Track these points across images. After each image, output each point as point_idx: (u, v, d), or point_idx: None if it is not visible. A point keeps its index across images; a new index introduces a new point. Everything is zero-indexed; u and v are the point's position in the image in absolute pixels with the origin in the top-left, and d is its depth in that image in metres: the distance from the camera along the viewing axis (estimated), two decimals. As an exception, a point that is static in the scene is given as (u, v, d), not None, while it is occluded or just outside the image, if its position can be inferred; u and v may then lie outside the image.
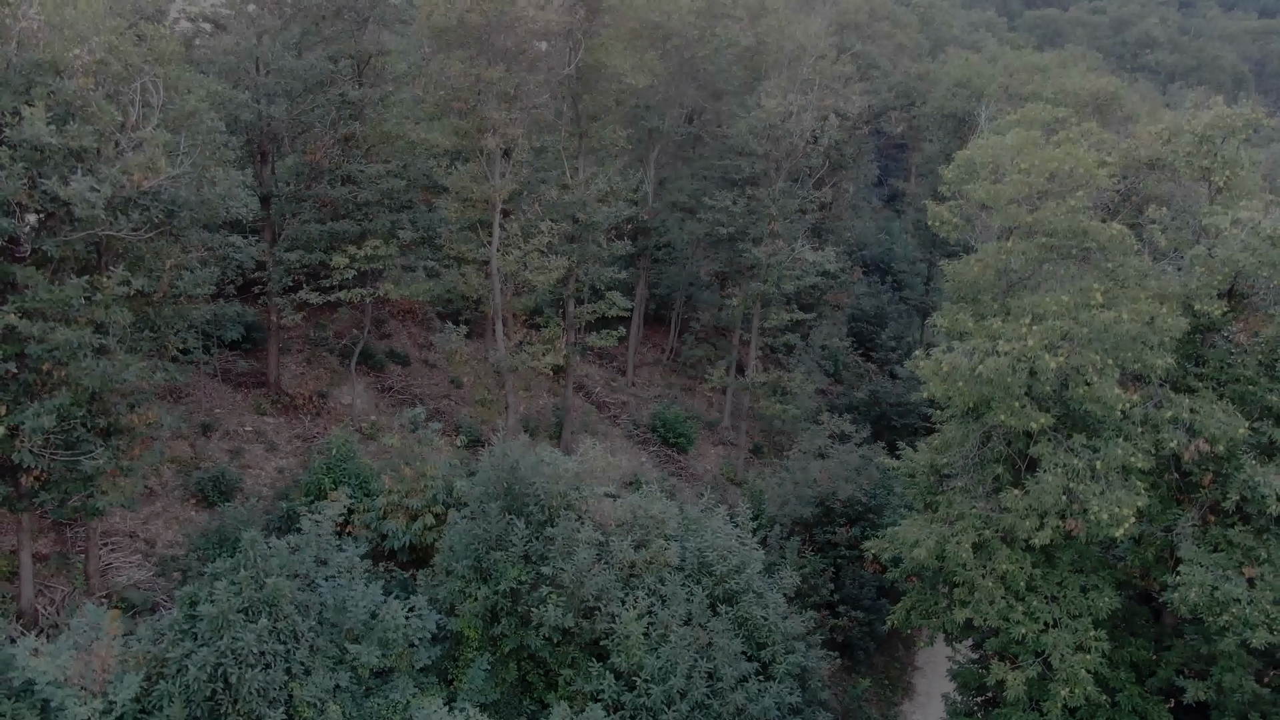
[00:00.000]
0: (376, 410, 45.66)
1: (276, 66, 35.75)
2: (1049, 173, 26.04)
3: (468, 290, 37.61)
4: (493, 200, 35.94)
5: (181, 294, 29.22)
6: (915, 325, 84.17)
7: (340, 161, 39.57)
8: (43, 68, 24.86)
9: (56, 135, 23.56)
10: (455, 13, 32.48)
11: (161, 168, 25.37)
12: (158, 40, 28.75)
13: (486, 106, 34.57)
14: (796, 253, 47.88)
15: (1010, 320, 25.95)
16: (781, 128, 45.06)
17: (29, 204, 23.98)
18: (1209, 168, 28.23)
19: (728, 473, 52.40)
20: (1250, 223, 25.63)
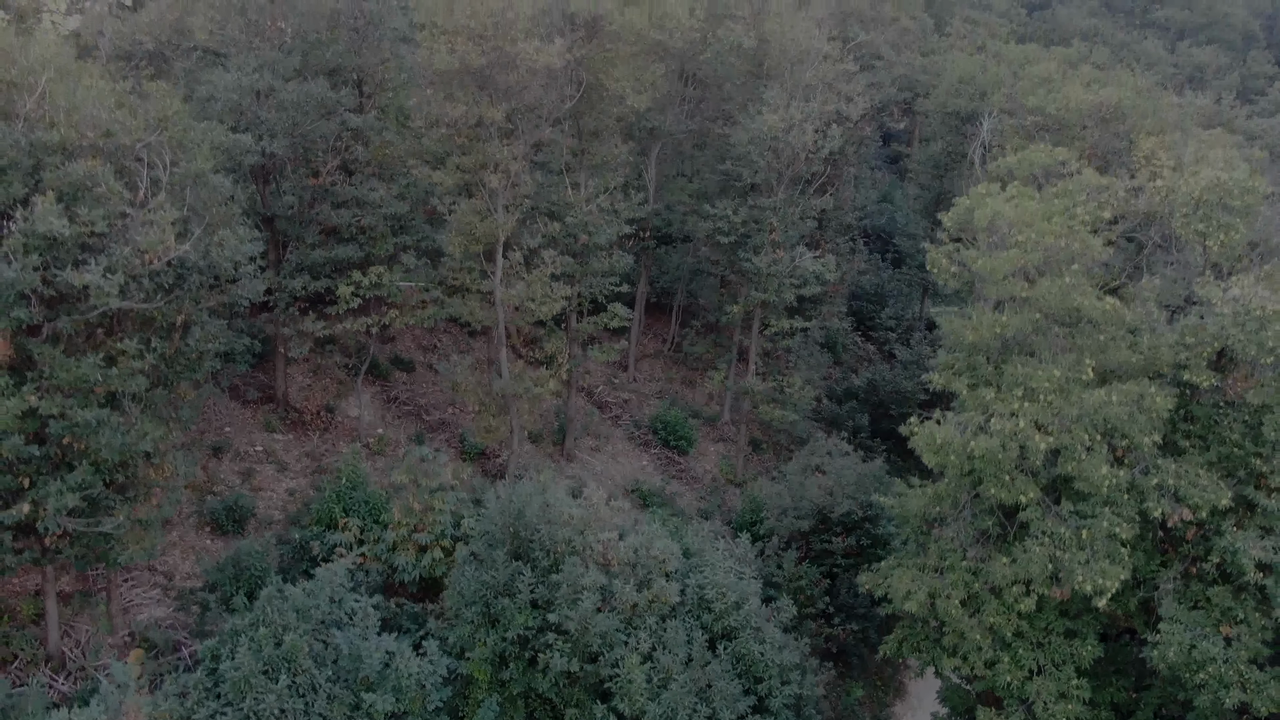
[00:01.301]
0: (383, 422, 46.53)
1: (278, 100, 35.73)
2: (1046, 247, 26.43)
3: (471, 319, 38.13)
4: (496, 235, 36.26)
5: (193, 350, 29.80)
6: (915, 299, 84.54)
7: (343, 183, 39.73)
8: (51, 149, 25.11)
9: (69, 225, 23.92)
10: (457, 56, 32.42)
11: (171, 245, 25.79)
12: (161, 97, 28.94)
13: (488, 145, 34.69)
14: (797, 260, 48.19)
15: (1003, 392, 26.63)
16: (783, 139, 45.02)
17: (44, 291, 24.45)
18: (1204, 232, 28.58)
19: (727, 473, 53.48)
20: (1242, 299, 26.10)
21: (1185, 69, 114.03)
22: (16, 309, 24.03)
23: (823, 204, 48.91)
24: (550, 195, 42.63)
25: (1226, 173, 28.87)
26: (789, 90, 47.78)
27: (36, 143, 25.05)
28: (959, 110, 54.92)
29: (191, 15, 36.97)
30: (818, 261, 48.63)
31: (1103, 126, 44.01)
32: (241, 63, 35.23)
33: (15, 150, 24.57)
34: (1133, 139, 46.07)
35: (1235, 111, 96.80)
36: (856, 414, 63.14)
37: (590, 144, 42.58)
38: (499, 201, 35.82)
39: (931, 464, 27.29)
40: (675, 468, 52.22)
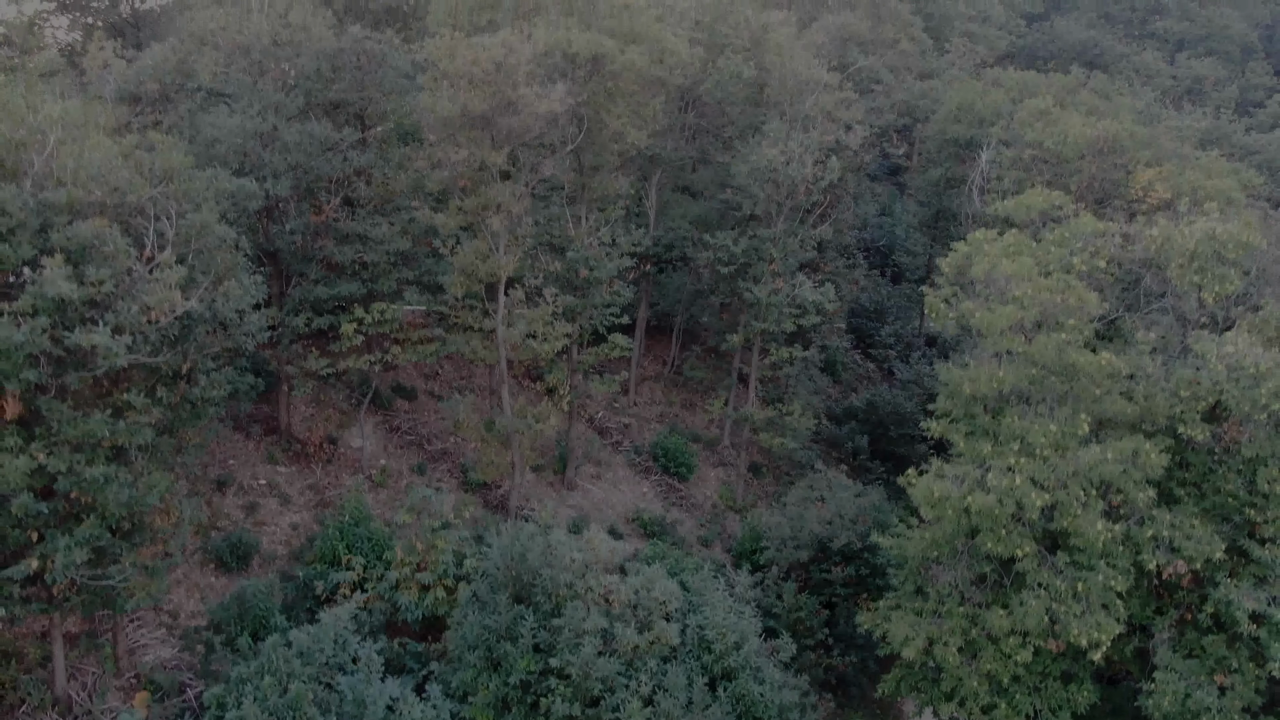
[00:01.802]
0: (386, 453, 46.83)
1: (281, 142, 36.02)
2: (1042, 303, 26.74)
3: (473, 358, 38.45)
4: (498, 275, 36.58)
5: (198, 398, 30.11)
6: (915, 315, 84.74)
7: (346, 219, 40.01)
8: (59, 209, 25.40)
9: (77, 287, 24.21)
10: (459, 103, 32.72)
11: (178, 301, 26.09)
12: (166, 149, 29.26)
13: (490, 187, 34.99)
14: (796, 290, 48.50)
15: (1000, 445, 26.96)
16: (783, 171, 45.32)
17: (53, 351, 24.74)
18: (1199, 283, 28.89)
19: (727, 499, 53.79)
20: (1236, 356, 26.42)
21: (1184, 81, 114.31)
22: (26, 370, 24.32)
23: (822, 234, 49.17)
24: (551, 229, 42.94)
25: (1221, 224, 29.13)
26: (789, 121, 48.09)
27: (44, 202, 25.34)
28: (958, 137, 55.21)
29: (195, 57, 37.23)
30: (817, 290, 48.92)
31: (1101, 159, 44.27)
32: (245, 105, 35.51)
33: (23, 211, 24.84)
34: (1130, 170, 46.43)
35: (1233, 126, 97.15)
36: (856, 435, 63.46)
37: (591, 178, 42.88)
38: (501, 243, 36.11)
39: (929, 516, 27.61)
40: (676, 494, 52.53)
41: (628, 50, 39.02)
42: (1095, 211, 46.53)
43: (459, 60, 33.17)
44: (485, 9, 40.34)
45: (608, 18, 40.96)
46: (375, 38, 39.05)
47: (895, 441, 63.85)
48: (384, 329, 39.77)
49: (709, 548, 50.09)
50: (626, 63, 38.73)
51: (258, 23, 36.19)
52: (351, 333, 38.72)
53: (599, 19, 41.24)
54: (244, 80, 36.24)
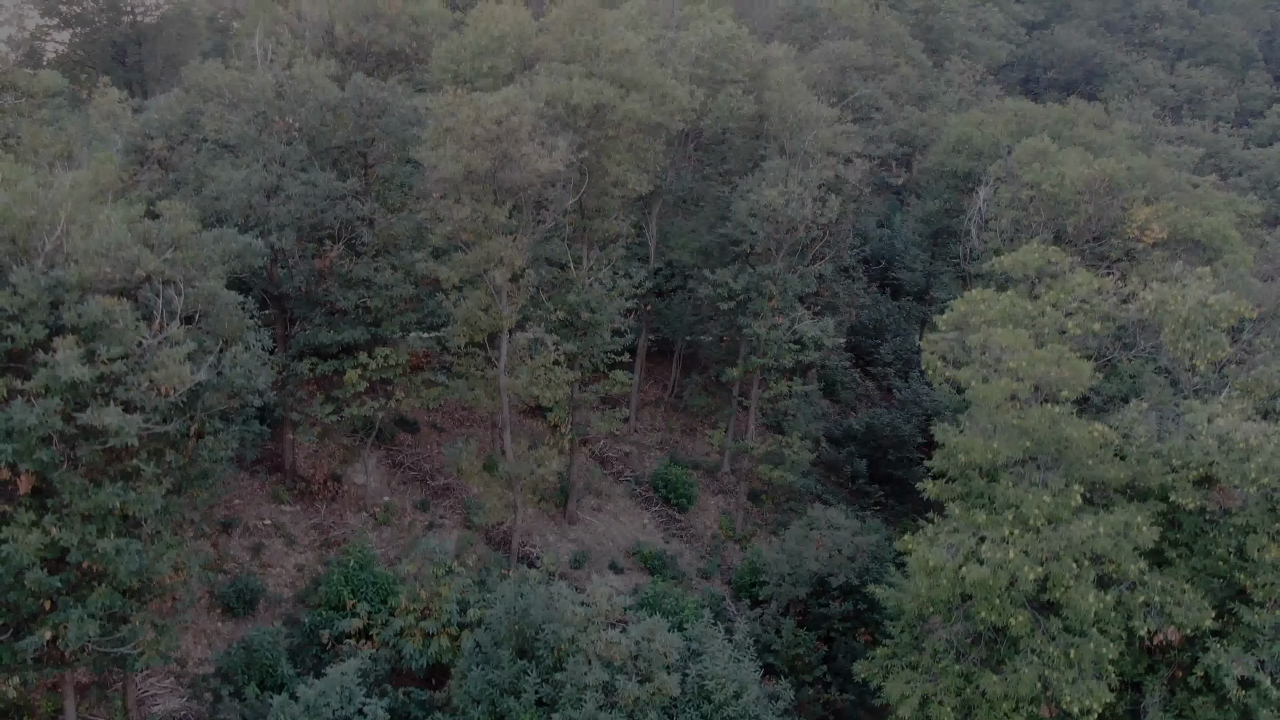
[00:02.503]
0: (389, 489, 47.34)
1: (286, 194, 36.41)
2: (1037, 377, 27.21)
3: (476, 405, 38.93)
4: (500, 326, 37.03)
5: (206, 460, 30.60)
6: (914, 330, 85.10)
7: (350, 263, 40.42)
8: (70, 287, 25.83)
9: (89, 368, 24.67)
10: (462, 163, 33.12)
11: (188, 377, 26.54)
12: (174, 217, 29.70)
13: (492, 241, 35.42)
14: (796, 325, 48.96)
15: (994, 514, 27.46)
16: (782, 211, 45.72)
17: (65, 429, 25.21)
18: (1192, 350, 29.34)
19: (727, 529, 54.33)
20: (1226, 428, 26.88)
21: (1184, 91, 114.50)
22: (40, 451, 24.80)
23: (821, 269, 49.60)
24: (553, 271, 43.34)
25: (1214, 294, 29.56)
26: (788, 157, 48.47)
27: (55, 280, 25.78)
28: (956, 169, 55.56)
29: (200, 109, 37.59)
30: (817, 325, 49.35)
31: (1097, 199, 44.68)
32: (250, 160, 35.90)
33: (35, 290, 25.29)
34: (1127, 207, 46.82)
35: (1232, 140, 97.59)
36: (855, 459, 63.98)
37: (592, 219, 43.27)
38: (503, 294, 36.55)
39: (924, 585, 28.12)
40: (676, 525, 53.06)
41: (628, 99, 39.38)
42: (1092, 249, 47.08)
43: (462, 118, 33.53)
44: (487, 55, 40.64)
45: (609, 63, 41.27)
46: (378, 85, 39.37)
47: (894, 464, 64.35)
48: (388, 374, 40.22)
49: (709, 580, 50.66)
50: (627, 112, 39.11)
51: (262, 76, 36.54)
52: (356, 379, 39.17)
53: (600, 64, 41.55)
54: (248, 132, 36.60)
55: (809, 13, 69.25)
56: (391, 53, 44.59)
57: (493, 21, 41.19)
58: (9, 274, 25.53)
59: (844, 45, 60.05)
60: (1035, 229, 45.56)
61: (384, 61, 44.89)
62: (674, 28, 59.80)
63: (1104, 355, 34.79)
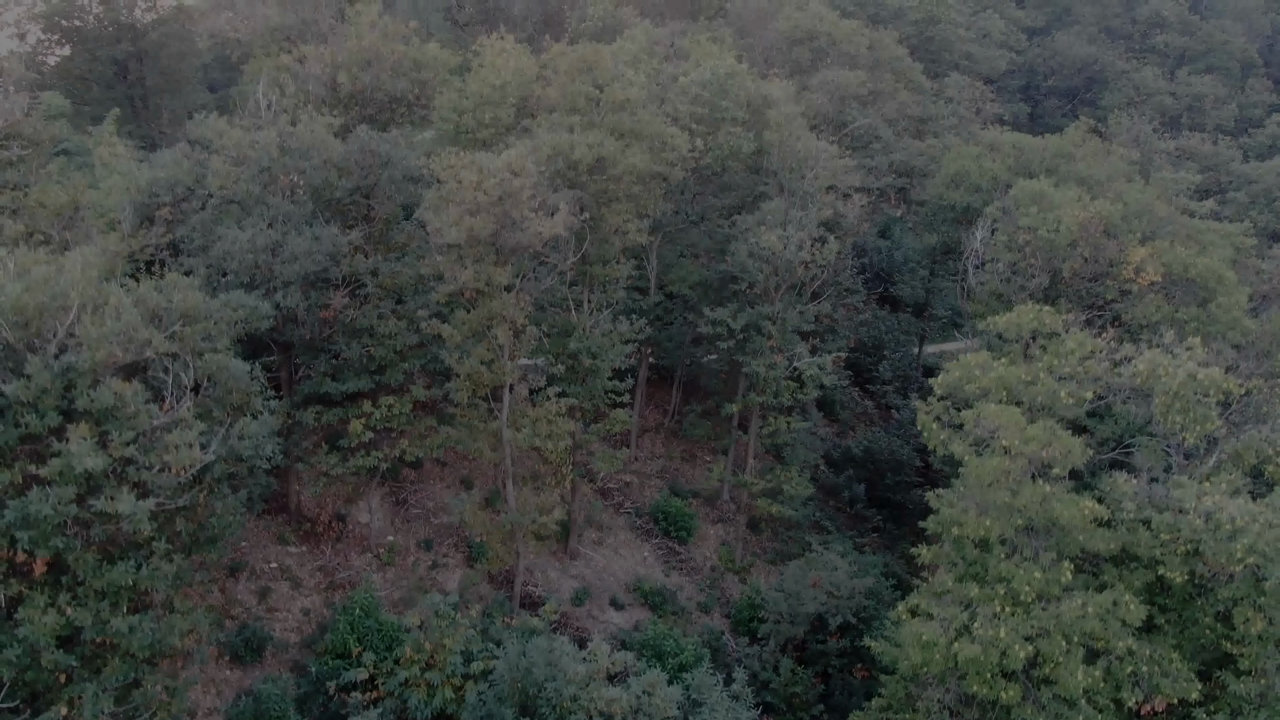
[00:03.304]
0: (393, 528, 48.00)
1: (291, 252, 36.89)
2: (1029, 455, 27.80)
3: (479, 456, 39.55)
4: (503, 382, 37.59)
5: (215, 527, 31.23)
6: (913, 345, 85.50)
7: (354, 313, 40.89)
8: (82, 372, 26.38)
9: (102, 456, 25.25)
10: (464, 229, 33.62)
11: (198, 457, 27.13)
12: (183, 290, 30.24)
13: (495, 300, 35.95)
14: (795, 363, 49.52)
15: (986, 589, 28.09)
16: (781, 255, 46.21)
17: (80, 515, 25.82)
18: (1182, 423, 29.91)
19: (726, 560, 55.03)
20: (1214, 508, 27.47)
21: (1184, 99, 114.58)
22: (55, 538, 25.42)
23: (820, 309, 50.12)
24: (553, 318, 43.85)
25: (1203, 369, 30.10)
26: (787, 197, 48.94)
27: (68, 366, 26.33)
28: (954, 203, 55.97)
29: (205, 167, 38.03)
30: (815, 363, 49.90)
31: (1093, 244, 45.16)
32: (255, 221, 36.37)
33: (48, 378, 25.85)
34: (1123, 248, 47.25)
35: (1231, 153, 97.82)
36: (853, 483, 64.65)
37: (593, 265, 43.75)
38: (505, 351, 37.09)
39: (917, 660, 28.78)
40: (676, 558, 53.76)
41: (629, 152, 39.81)
42: (1089, 289, 47.57)
43: (465, 182, 34.00)
44: (489, 105, 41.05)
45: (610, 114, 41.68)
46: (381, 138, 39.80)
47: (892, 488, 65.04)
48: (392, 424, 40.78)
49: (708, 614, 51.41)
50: (628, 166, 39.54)
51: (267, 134, 36.97)
52: (360, 429, 39.74)
53: (601, 113, 41.96)
54: (253, 189, 37.05)
55: (809, 35, 69.45)
56: (393, 98, 44.94)
57: (494, 71, 41.52)
58: (24, 362, 26.10)
59: (843, 75, 60.31)
60: (1031, 272, 46.06)
61: (385, 107, 45.26)
62: (674, 56, 60.17)
63: (1098, 406, 35.34)
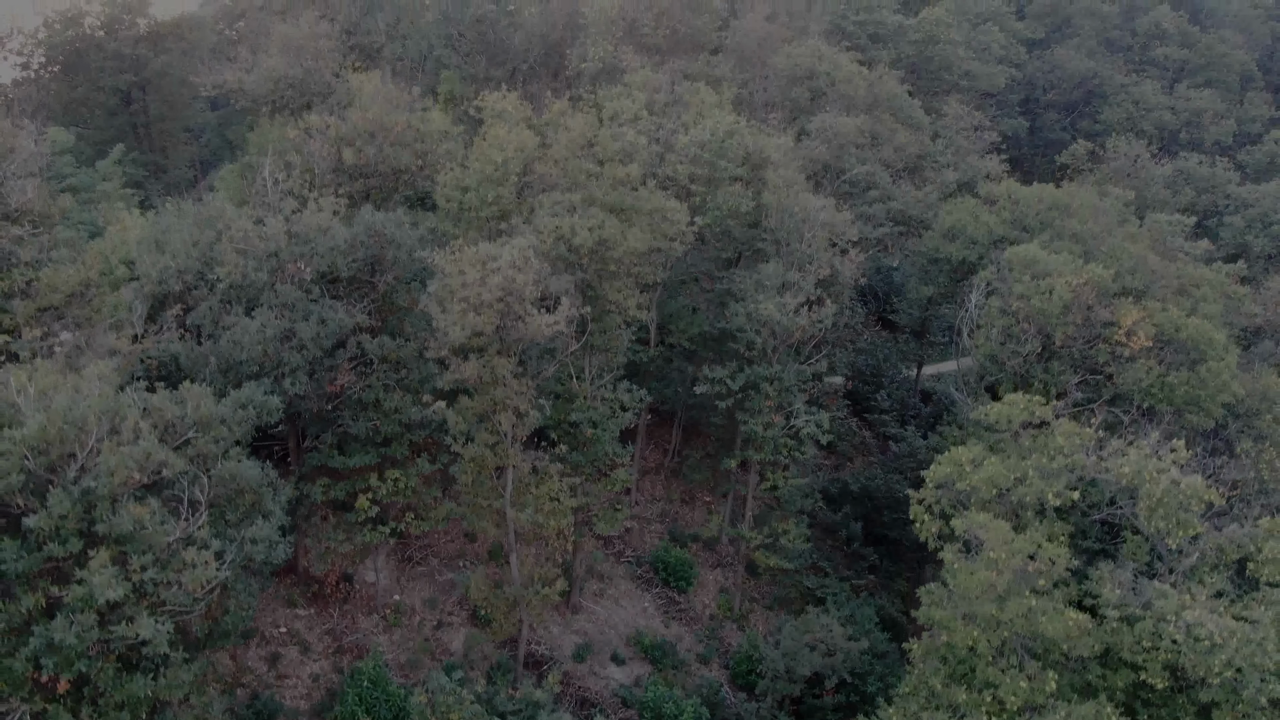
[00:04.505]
0: (399, 586, 49.10)
1: (299, 339, 37.75)
2: (1015, 569, 28.78)
3: (484, 534, 40.55)
4: (505, 466, 38.55)
5: (229, 623, 32.28)
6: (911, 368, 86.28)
7: (360, 388, 41.78)
8: (103, 498, 27.34)
9: (123, 583, 26.26)
10: (468, 328, 34.49)
11: (214, 575, 28.13)
12: (196, 398, 31.19)
13: (498, 389, 36.85)
14: (793, 421, 50.43)
15: (973, 693, 29.15)
16: (779, 321, 47.02)
17: (101, 636, 26.85)
18: (1165, 529, 30.87)
19: (725, 608, 56.17)
20: (1195, 622, 28.46)
21: (1183, 114, 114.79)
22: (79, 663, 26.45)
23: (817, 369, 50.99)
24: (554, 386, 44.69)
25: (1186, 477, 31.01)
26: (785, 259, 49.72)
27: (88, 490, 27.29)
28: (950, 257, 56.72)
29: (213, 252, 38.84)
30: (813, 420, 50.81)
31: (1084, 312, 45.98)
32: (264, 311, 37.22)
33: (68, 504, 26.81)
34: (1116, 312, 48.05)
35: (1229, 175, 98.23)
36: (850, 521, 65.64)
37: (594, 337, 44.59)
38: (508, 437, 38.03)
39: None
40: (675, 608, 54.90)
41: (629, 235, 40.59)
42: (1082, 351, 48.42)
43: (469, 280, 34.83)
44: (490, 184, 41.79)
45: (609, 190, 42.43)
46: (385, 219, 40.56)
47: (889, 525, 65.99)
48: (398, 498, 41.78)
49: (707, 665, 52.59)
50: (628, 249, 40.34)
51: (274, 225, 37.77)
52: (367, 505, 40.76)
53: (602, 188, 42.70)
54: (261, 278, 37.87)
55: (808, 74, 69.95)
56: (396, 170, 45.67)
57: (496, 148, 42.25)
58: (45, 487, 27.07)
59: (841, 122, 60.88)
60: (1025, 338, 46.90)
61: (389, 178, 46.00)
62: (673, 103, 60.69)
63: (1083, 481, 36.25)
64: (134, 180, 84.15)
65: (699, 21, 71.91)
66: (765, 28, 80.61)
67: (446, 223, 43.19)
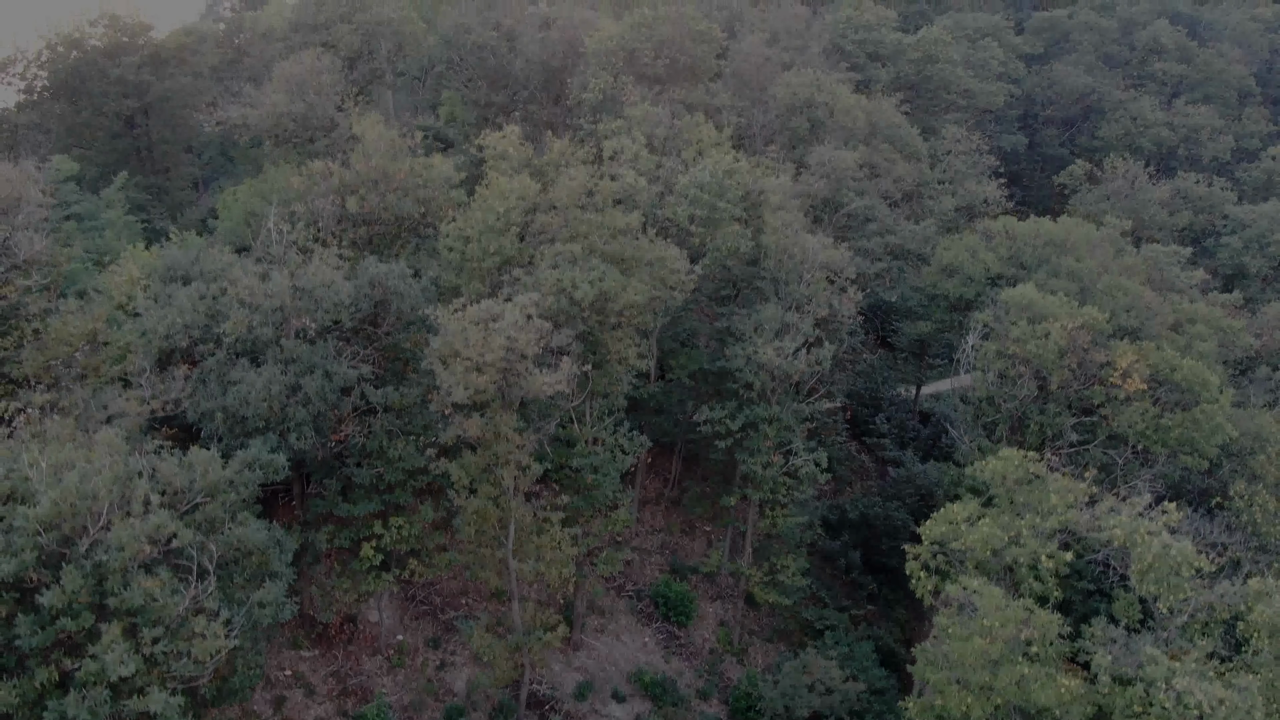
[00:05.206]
0: (402, 625, 49.70)
1: (304, 394, 38.27)
2: (1007, 638, 29.34)
3: (487, 585, 41.11)
4: (507, 520, 39.11)
5: (237, 684, 32.86)
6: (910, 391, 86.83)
7: (363, 437, 42.32)
8: (114, 571, 27.91)
9: (135, 658, 26.83)
10: (471, 389, 35.03)
11: (222, 645, 28.71)
12: (204, 463, 31.76)
13: (501, 445, 37.40)
14: (791, 460, 50.99)
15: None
16: (777, 365, 47.56)
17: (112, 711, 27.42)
18: (1156, 592, 31.43)
19: (725, 641, 56.76)
20: (1184, 689, 29.02)
21: (1181, 131, 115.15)
22: (92, 734, 27.04)
23: (815, 408, 51.53)
24: (555, 430, 45.21)
25: (1177, 542, 31.56)
26: (783, 302, 50.26)
27: (99, 564, 27.86)
28: (948, 293, 57.24)
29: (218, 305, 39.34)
30: (812, 458, 51.35)
31: (1079, 355, 46.52)
32: (269, 367, 37.75)
33: (80, 580, 27.38)
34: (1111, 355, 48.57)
35: (1226, 195, 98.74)
36: (849, 550, 66.20)
37: (596, 382, 45.13)
38: (511, 490, 38.58)
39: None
40: (675, 642, 55.49)
41: (630, 288, 41.11)
42: (1079, 392, 48.96)
43: (472, 340, 35.38)
44: (494, 234, 42.29)
45: (609, 241, 42.96)
46: (388, 271, 41.08)
47: (888, 554, 66.52)
48: (402, 545, 42.35)
49: (707, 701, 53.17)
50: (628, 301, 40.88)
51: (279, 282, 38.28)
52: (372, 554, 41.33)
53: (603, 238, 43.21)
54: (266, 334, 38.38)
55: (806, 104, 70.35)
56: (399, 218, 46.19)
57: (499, 197, 42.77)
58: (58, 561, 27.64)
59: (839, 157, 61.33)
60: (1020, 382, 47.46)
61: (391, 226, 46.52)
62: (673, 137, 61.17)
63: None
64: (137, 204, 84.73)
65: (699, 50, 72.27)
66: (764, 51, 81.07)
67: (449, 272, 43.69)
